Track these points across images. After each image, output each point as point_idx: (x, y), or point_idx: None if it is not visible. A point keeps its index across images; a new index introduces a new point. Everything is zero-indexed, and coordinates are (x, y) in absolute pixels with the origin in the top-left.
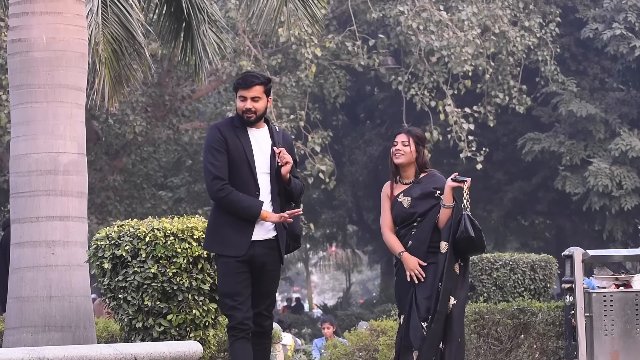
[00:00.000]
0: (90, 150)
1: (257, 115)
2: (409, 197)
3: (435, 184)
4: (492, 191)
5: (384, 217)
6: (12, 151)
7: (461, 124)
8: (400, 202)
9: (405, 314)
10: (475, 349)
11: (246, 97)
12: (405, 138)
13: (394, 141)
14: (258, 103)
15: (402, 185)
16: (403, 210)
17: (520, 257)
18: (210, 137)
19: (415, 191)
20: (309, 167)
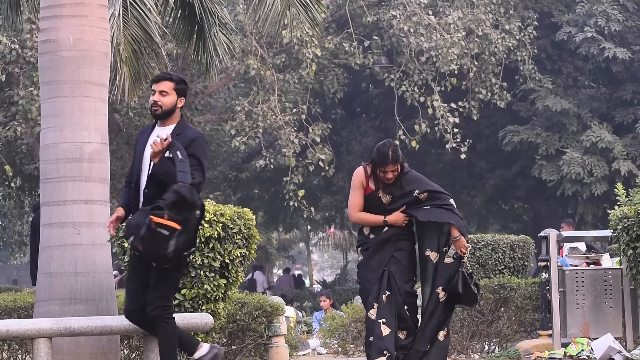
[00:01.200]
0: (112, 141)
1: (163, 110)
2: (389, 195)
3: (412, 184)
4: (475, 178)
5: (355, 201)
6: (42, 141)
7: (447, 118)
8: (379, 198)
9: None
10: (460, 321)
11: (155, 91)
12: (395, 167)
13: (385, 169)
14: (165, 97)
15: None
16: (381, 205)
17: (500, 237)
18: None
19: (396, 190)
20: (310, 156)
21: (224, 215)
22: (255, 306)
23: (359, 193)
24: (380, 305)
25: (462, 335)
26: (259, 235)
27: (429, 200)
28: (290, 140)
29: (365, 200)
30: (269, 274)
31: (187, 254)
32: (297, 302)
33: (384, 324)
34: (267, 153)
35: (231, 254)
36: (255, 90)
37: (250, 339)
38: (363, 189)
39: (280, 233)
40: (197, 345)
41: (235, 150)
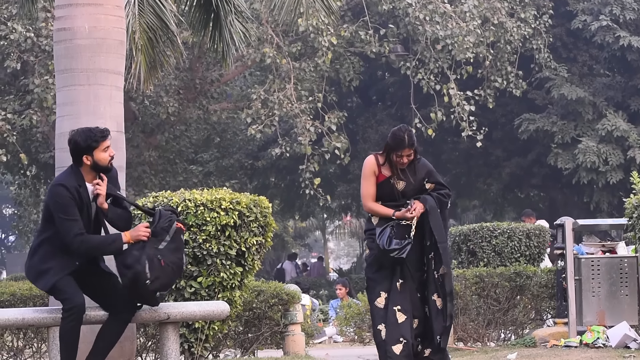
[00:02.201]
0: (128, 129)
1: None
2: (403, 182)
3: (424, 172)
4: (491, 167)
5: (367, 190)
6: (58, 129)
7: (463, 106)
8: (393, 184)
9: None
10: (476, 309)
11: (109, 146)
12: (410, 152)
13: (400, 154)
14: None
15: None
16: (395, 192)
17: (517, 226)
18: (61, 194)
19: (409, 176)
20: (325, 144)
21: (240, 203)
22: (272, 294)
23: (371, 181)
24: (393, 292)
25: (478, 323)
26: (275, 223)
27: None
28: (306, 129)
29: (379, 187)
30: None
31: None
32: (314, 290)
33: (399, 311)
34: (283, 141)
35: (247, 242)
36: (271, 78)
37: (266, 326)
38: (375, 177)
39: (296, 221)
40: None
41: (251, 139)
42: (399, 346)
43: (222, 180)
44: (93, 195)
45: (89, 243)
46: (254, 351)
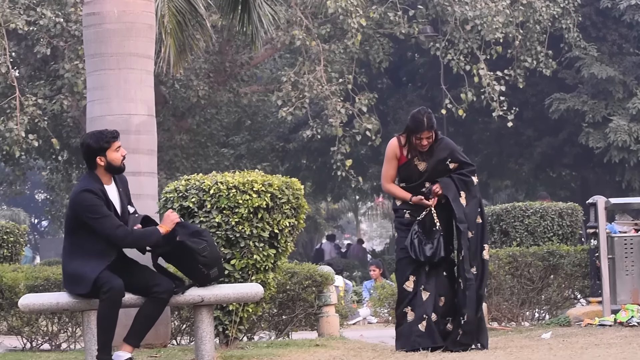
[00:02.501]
0: (159, 113)
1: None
2: (424, 163)
3: (446, 151)
4: (523, 146)
5: (387, 172)
6: (89, 114)
7: (493, 86)
8: (416, 166)
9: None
10: (510, 289)
11: (120, 146)
12: (430, 134)
13: (420, 136)
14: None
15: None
16: (417, 173)
17: (549, 205)
18: (89, 198)
19: (431, 157)
20: (357, 125)
21: (272, 186)
22: (305, 276)
23: (392, 164)
24: (421, 274)
25: (512, 302)
26: (307, 205)
27: (457, 170)
28: (337, 110)
29: (402, 169)
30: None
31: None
32: (347, 271)
33: (423, 290)
34: (314, 123)
35: (280, 224)
36: (301, 60)
37: (300, 308)
38: (397, 159)
39: (328, 203)
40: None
41: (282, 121)
42: (423, 323)
43: (253, 163)
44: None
45: (133, 234)
46: (288, 333)
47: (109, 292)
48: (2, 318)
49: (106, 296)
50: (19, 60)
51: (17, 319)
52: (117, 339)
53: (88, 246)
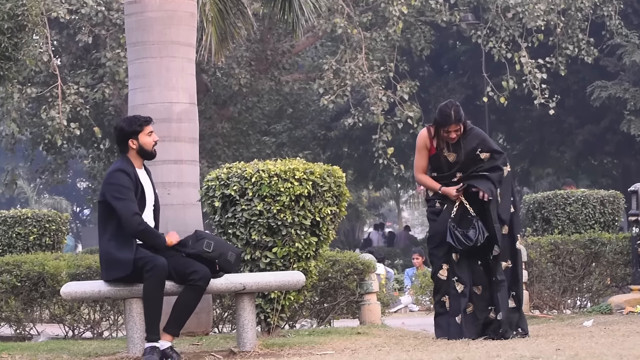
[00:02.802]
0: (201, 101)
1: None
2: (454, 154)
3: (476, 141)
4: (564, 134)
5: (418, 162)
6: (130, 102)
7: (535, 74)
8: (446, 157)
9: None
10: (552, 276)
11: (152, 131)
12: (458, 127)
13: (448, 129)
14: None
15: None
16: (448, 164)
17: (590, 193)
18: (120, 178)
19: (460, 149)
20: (398, 113)
21: (313, 174)
22: (347, 264)
23: (423, 154)
24: (452, 264)
25: (554, 290)
26: (349, 193)
27: (489, 161)
28: (379, 98)
29: (432, 160)
30: (359, 232)
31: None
32: (389, 259)
33: (457, 281)
34: (356, 111)
35: (322, 212)
36: (343, 48)
37: (342, 296)
38: (427, 150)
39: (370, 191)
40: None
41: (324, 109)
42: (460, 316)
43: (295, 151)
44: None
45: (145, 226)
46: (330, 321)
47: (152, 270)
48: (45, 306)
49: (150, 274)
50: (60, 49)
51: (59, 307)
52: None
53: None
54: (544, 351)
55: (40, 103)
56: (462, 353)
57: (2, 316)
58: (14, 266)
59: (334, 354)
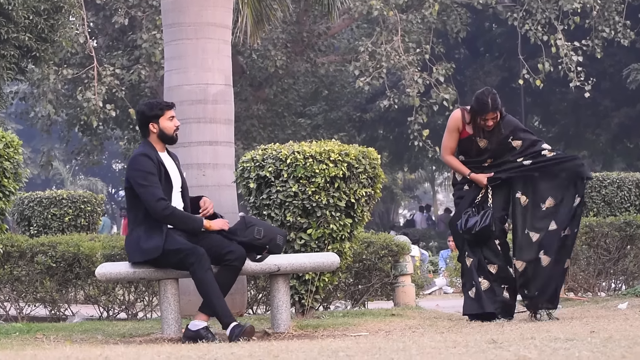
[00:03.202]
0: (236, 83)
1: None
2: (486, 140)
3: (508, 128)
4: (599, 117)
5: (447, 143)
6: (166, 83)
7: (571, 56)
8: (476, 142)
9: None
10: (586, 259)
11: (174, 116)
12: (495, 115)
13: (485, 117)
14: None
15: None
16: (478, 149)
17: (626, 175)
18: (143, 163)
19: (493, 135)
20: (434, 95)
21: (349, 155)
22: (382, 245)
23: (453, 136)
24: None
25: (589, 273)
26: (384, 175)
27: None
28: (414, 80)
29: (462, 143)
30: (394, 215)
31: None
32: (423, 241)
33: (467, 257)
34: (391, 93)
35: (356, 194)
36: (379, 30)
37: (376, 278)
38: (458, 132)
39: (405, 173)
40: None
41: (359, 91)
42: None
43: (330, 132)
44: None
45: (173, 211)
46: (364, 302)
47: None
48: (79, 287)
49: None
50: (97, 30)
51: (93, 288)
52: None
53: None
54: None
55: (76, 84)
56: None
57: (37, 297)
58: (49, 247)
59: (367, 335)
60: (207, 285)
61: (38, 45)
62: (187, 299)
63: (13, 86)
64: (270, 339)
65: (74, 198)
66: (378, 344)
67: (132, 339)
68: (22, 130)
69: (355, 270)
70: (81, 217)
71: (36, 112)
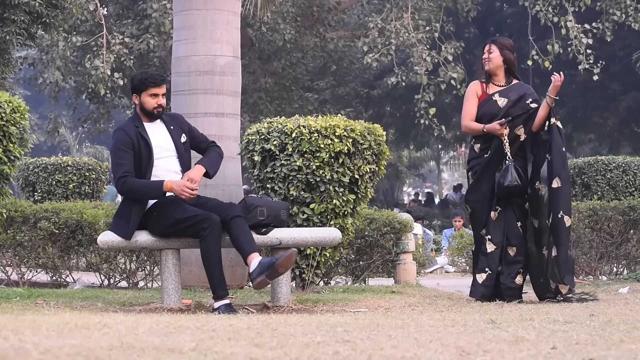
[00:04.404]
0: (245, 55)
1: (163, 110)
2: (505, 99)
3: (527, 90)
4: (608, 100)
5: (468, 110)
6: (174, 53)
7: (581, 39)
8: (495, 101)
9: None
10: (589, 242)
11: (157, 94)
12: (489, 46)
13: (483, 50)
14: (163, 99)
15: (496, 87)
16: (497, 109)
17: (632, 160)
18: (117, 137)
19: (512, 94)
20: (442, 74)
21: (354, 131)
22: (384, 222)
23: (472, 102)
24: (489, 221)
25: (591, 256)
26: (389, 152)
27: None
28: (423, 58)
29: (482, 107)
30: (398, 192)
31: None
32: (427, 220)
33: (489, 241)
34: (399, 70)
35: (361, 170)
36: (389, 7)
37: (378, 254)
38: (477, 97)
39: (410, 151)
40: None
41: (368, 67)
42: (482, 275)
43: (337, 108)
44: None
45: (131, 186)
46: (365, 279)
47: (209, 228)
48: (81, 254)
49: (206, 232)
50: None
51: (95, 255)
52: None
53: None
54: (577, 316)
55: (85, 52)
56: (496, 315)
57: (39, 263)
58: (53, 213)
59: (367, 311)
60: (216, 257)
61: (48, 12)
62: (188, 269)
63: (22, 51)
64: (270, 312)
65: (79, 165)
66: (377, 320)
67: (132, 308)
68: (29, 96)
69: (357, 246)
70: (85, 185)
71: (44, 79)
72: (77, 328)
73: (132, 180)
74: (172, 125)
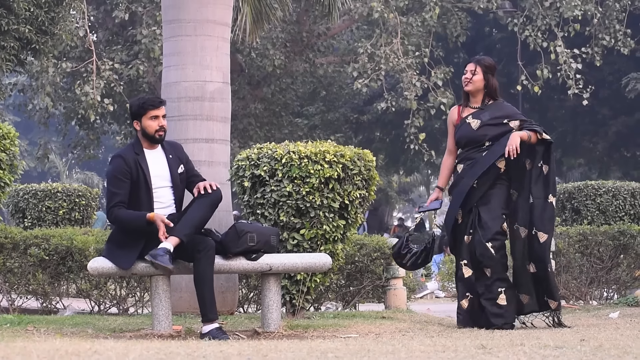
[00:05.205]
0: (234, 81)
1: (165, 133)
2: (478, 120)
3: (503, 112)
4: (597, 125)
5: (448, 140)
6: (164, 79)
7: (570, 64)
8: (469, 124)
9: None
10: (579, 267)
11: (158, 116)
12: (474, 67)
13: (465, 69)
14: (164, 120)
15: (470, 109)
16: (470, 131)
17: (622, 184)
18: (114, 165)
19: (484, 115)
20: (431, 99)
21: (344, 156)
22: (374, 248)
23: (450, 131)
24: (462, 245)
25: (581, 281)
26: (379, 178)
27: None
28: (412, 84)
29: (457, 131)
30: (388, 217)
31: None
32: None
33: (465, 266)
34: (389, 96)
35: (351, 195)
36: (378, 32)
37: (368, 280)
38: (454, 126)
39: (400, 176)
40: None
41: (357, 93)
42: (464, 301)
43: (327, 133)
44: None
45: (118, 217)
46: (355, 304)
47: (204, 250)
48: (71, 281)
49: (202, 254)
50: (97, 24)
51: (85, 282)
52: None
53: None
54: (568, 341)
55: (74, 78)
56: (486, 340)
57: (29, 289)
58: (43, 240)
59: (357, 337)
60: (209, 279)
61: (38, 38)
62: (179, 295)
63: (12, 78)
64: (260, 338)
65: (68, 191)
66: (367, 346)
67: (122, 334)
68: (19, 122)
69: (347, 271)
70: (75, 211)
71: (34, 105)
72: (67, 355)
73: (119, 212)
74: (171, 154)
